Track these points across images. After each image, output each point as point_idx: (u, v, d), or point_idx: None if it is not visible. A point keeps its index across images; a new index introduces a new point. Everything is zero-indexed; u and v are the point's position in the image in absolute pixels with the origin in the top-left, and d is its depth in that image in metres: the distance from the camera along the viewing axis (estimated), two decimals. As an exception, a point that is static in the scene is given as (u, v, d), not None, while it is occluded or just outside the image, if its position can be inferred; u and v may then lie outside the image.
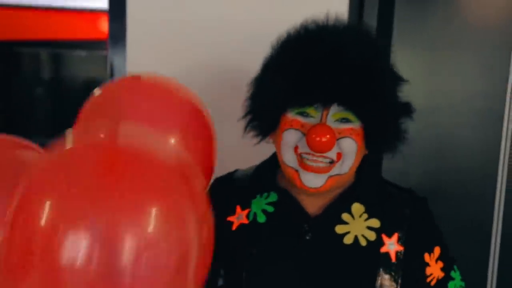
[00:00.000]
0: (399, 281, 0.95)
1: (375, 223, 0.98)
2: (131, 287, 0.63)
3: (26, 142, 0.92)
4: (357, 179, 1.02)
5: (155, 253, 0.65)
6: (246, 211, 1.01)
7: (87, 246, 0.61)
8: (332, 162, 0.92)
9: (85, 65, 6.21)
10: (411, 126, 1.66)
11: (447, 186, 1.76)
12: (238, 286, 0.96)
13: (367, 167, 1.03)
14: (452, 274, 1.05)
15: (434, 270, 1.02)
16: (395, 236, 0.97)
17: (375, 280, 0.94)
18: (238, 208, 1.02)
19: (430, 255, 1.02)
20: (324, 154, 0.90)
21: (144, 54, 1.54)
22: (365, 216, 0.98)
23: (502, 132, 1.72)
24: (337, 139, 0.90)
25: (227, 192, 1.05)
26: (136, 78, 0.91)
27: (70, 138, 0.72)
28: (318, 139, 0.86)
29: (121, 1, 1.52)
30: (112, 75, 1.58)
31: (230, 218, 1.02)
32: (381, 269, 0.94)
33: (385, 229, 0.98)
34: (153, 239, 0.64)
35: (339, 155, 0.91)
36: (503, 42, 1.68)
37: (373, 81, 0.89)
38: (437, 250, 1.03)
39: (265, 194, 1.02)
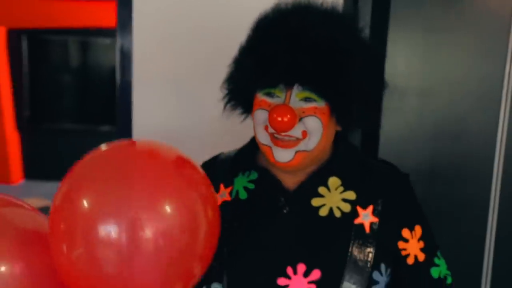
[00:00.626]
0: (373, 252, 0.97)
1: (350, 195, 1.01)
2: (148, 259, 0.82)
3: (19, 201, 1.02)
4: (333, 154, 1.04)
5: (169, 234, 0.83)
6: (229, 189, 1.06)
7: (116, 230, 0.81)
8: (298, 139, 0.95)
9: (110, 52, 6.35)
10: (408, 106, 1.74)
11: (443, 168, 1.79)
12: (219, 260, 0.99)
13: (345, 142, 1.06)
14: (436, 260, 1.05)
15: (412, 248, 1.02)
16: (370, 208, 1.00)
17: (347, 251, 0.96)
18: (222, 186, 1.07)
19: (411, 232, 1.03)
20: (288, 133, 0.93)
21: (149, 41, 1.62)
22: (341, 189, 1.01)
23: (500, 115, 1.74)
24: (302, 118, 0.93)
25: (211, 172, 1.04)
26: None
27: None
28: (279, 119, 0.90)
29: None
30: (122, 60, 1.67)
31: None
32: (354, 240, 0.97)
33: (361, 201, 1.00)
34: (167, 223, 0.83)
35: (304, 133, 0.94)
36: (501, 25, 1.70)
37: (333, 62, 0.90)
38: (418, 229, 1.04)
39: (247, 172, 1.07)
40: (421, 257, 1.03)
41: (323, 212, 0.99)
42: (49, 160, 6.38)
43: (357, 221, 0.99)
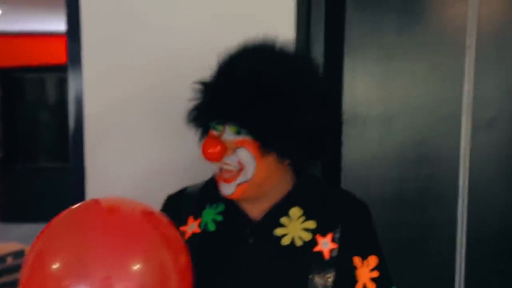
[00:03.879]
0: (332, 278, 1.02)
1: (311, 224, 1.06)
2: None
3: None
4: (295, 186, 1.10)
5: None
6: (198, 221, 1.12)
7: None
8: (239, 171, 1.02)
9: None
10: (370, 134, 1.73)
11: (408, 194, 1.77)
12: None
13: (306, 173, 1.12)
14: None
15: (362, 276, 1.06)
16: (329, 236, 1.05)
17: (307, 278, 1.01)
18: (191, 219, 1.13)
19: (363, 261, 1.06)
20: (226, 162, 1.02)
21: (100, 75, 1.59)
22: (302, 218, 1.06)
23: (461, 137, 1.73)
24: (235, 149, 1.01)
25: (179, 205, 1.15)
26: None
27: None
28: (207, 150, 1.01)
29: (76, 23, 1.57)
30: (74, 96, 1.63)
31: (183, 228, 1.11)
32: (314, 267, 1.02)
33: (320, 230, 1.05)
34: (138, 282, 0.85)
35: (241, 164, 1.01)
36: (456, 49, 1.71)
37: (253, 98, 0.97)
38: (372, 259, 1.07)
39: (214, 204, 1.12)
40: (372, 287, 1.06)
41: (285, 241, 1.05)
42: (26, 201, 6.27)
43: (316, 249, 1.04)
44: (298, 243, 1.04)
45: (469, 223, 1.76)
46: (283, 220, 1.06)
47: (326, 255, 1.03)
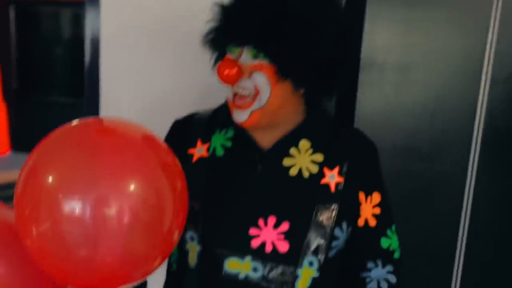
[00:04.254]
0: (336, 210, 1.05)
1: (319, 157, 1.07)
2: (113, 235, 0.82)
3: None
4: (306, 117, 1.10)
5: (134, 212, 0.83)
6: (206, 145, 1.12)
7: (81, 207, 0.80)
8: (253, 98, 1.02)
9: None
10: (387, 82, 1.71)
11: (421, 145, 1.77)
12: (193, 216, 1.05)
13: (318, 108, 1.13)
14: (389, 233, 1.12)
15: (365, 211, 1.09)
16: (336, 169, 1.07)
17: (313, 207, 1.04)
18: (199, 142, 1.13)
19: (366, 197, 1.09)
20: (241, 86, 1.01)
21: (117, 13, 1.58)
22: (310, 151, 1.08)
23: (479, 92, 1.71)
24: (252, 73, 1.01)
25: (188, 128, 1.15)
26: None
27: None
28: (223, 71, 0.99)
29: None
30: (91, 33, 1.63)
31: (191, 151, 1.12)
32: (319, 198, 1.05)
33: (328, 163, 1.07)
34: (132, 201, 0.84)
35: (257, 90, 1.01)
36: (482, 1, 1.66)
37: (276, 23, 0.96)
38: (376, 196, 1.10)
39: (224, 130, 1.12)
40: (372, 222, 1.10)
41: (293, 171, 1.06)
42: (37, 133, 6.34)
43: (323, 181, 1.06)
44: (306, 174, 1.06)
45: (478, 178, 1.77)
46: (292, 151, 1.08)
47: (332, 188, 1.06)
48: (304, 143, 1.08)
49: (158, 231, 0.88)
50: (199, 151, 1.12)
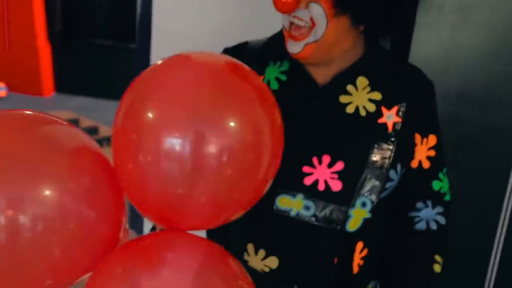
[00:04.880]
0: (393, 151, 1.02)
1: (376, 95, 1.03)
2: (213, 174, 0.79)
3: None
4: (364, 54, 1.05)
5: (233, 151, 0.79)
6: (260, 78, 1.04)
7: (181, 144, 0.77)
8: (309, 29, 0.97)
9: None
10: (444, 23, 1.63)
11: (475, 92, 1.70)
12: None
13: (376, 45, 1.07)
14: (441, 175, 1.09)
15: (420, 153, 1.06)
16: (394, 109, 1.03)
17: (369, 147, 1.01)
18: None
19: (422, 139, 1.06)
20: (297, 16, 0.97)
21: None
22: (368, 89, 1.03)
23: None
24: (309, 3, 0.95)
25: (240, 58, 1.04)
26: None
27: None
28: None
29: None
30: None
31: None
32: (376, 138, 1.02)
33: (386, 102, 1.03)
34: (232, 140, 0.79)
35: (313, 22, 0.96)
36: None
37: None
38: (432, 139, 1.07)
39: (278, 62, 1.08)
40: (426, 164, 1.07)
41: (350, 109, 1.03)
42: (79, 75, 6.45)
43: (380, 120, 1.02)
44: (363, 112, 1.02)
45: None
46: (349, 87, 1.03)
47: (390, 128, 1.02)
48: (361, 80, 1.04)
49: (256, 172, 0.84)
50: None
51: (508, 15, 1.62)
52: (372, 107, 1.02)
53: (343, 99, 1.03)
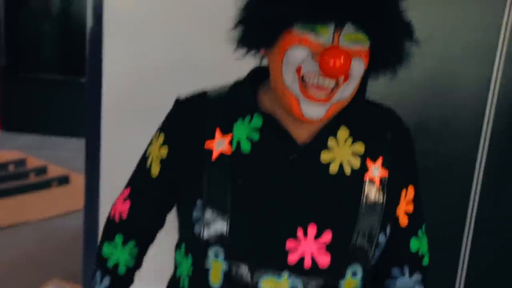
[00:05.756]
0: (382, 209, 0.90)
1: (359, 147, 0.91)
2: None
3: None
4: (350, 102, 0.91)
5: None
6: (228, 137, 0.91)
7: None
8: (336, 86, 0.83)
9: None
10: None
11: (432, 122, 1.72)
12: (222, 223, 0.89)
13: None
14: (419, 233, 0.99)
15: (400, 209, 0.96)
16: (379, 160, 0.91)
17: (358, 211, 0.89)
18: (218, 132, 0.92)
19: (405, 193, 0.96)
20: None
21: None
22: (350, 140, 0.91)
23: (493, 67, 1.66)
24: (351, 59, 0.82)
25: (202, 113, 0.93)
26: None
27: None
28: (333, 62, 0.77)
29: None
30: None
31: (209, 144, 0.91)
32: (364, 198, 0.89)
33: (370, 153, 0.91)
34: None
35: (346, 77, 0.82)
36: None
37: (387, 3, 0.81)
38: (410, 190, 0.97)
39: (248, 117, 0.92)
40: (404, 222, 0.96)
41: (333, 168, 0.89)
42: (27, 111, 6.23)
43: (367, 176, 0.90)
44: (347, 171, 0.89)
45: (488, 160, 1.73)
46: (330, 142, 0.90)
47: (377, 184, 0.90)
48: (342, 132, 0.90)
49: None
50: (219, 145, 0.91)
51: (457, 47, 1.66)
52: (356, 163, 0.90)
53: (324, 156, 0.89)
